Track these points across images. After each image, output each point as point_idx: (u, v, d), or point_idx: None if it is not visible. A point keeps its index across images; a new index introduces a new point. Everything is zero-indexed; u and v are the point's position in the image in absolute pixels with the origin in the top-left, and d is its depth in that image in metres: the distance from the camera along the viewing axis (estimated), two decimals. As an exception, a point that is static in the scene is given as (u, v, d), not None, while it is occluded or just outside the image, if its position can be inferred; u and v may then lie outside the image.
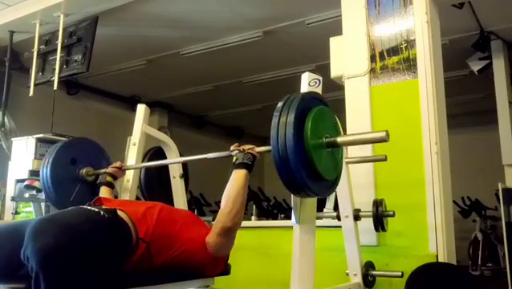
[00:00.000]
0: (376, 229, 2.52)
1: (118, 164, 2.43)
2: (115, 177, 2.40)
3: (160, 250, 1.69)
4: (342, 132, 1.79)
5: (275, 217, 6.59)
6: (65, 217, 1.51)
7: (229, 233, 1.75)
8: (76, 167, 2.42)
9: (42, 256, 1.30)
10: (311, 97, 1.71)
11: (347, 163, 2.52)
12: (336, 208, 2.81)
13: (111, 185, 2.37)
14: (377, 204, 2.49)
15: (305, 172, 1.54)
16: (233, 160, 1.85)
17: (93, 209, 1.60)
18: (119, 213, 1.63)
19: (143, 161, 2.83)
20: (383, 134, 1.61)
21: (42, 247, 1.31)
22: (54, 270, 1.31)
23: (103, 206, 1.71)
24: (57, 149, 2.38)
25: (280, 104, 1.61)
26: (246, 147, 1.87)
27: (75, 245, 1.36)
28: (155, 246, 1.67)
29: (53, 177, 2.33)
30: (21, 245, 1.37)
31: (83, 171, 2.42)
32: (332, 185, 1.76)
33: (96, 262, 1.42)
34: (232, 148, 1.91)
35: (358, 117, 2.97)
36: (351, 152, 2.82)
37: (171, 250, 1.72)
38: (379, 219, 2.48)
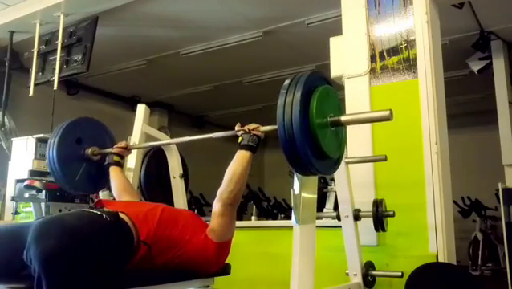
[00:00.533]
0: (376, 229, 2.52)
1: (123, 143, 2.45)
2: (122, 157, 2.42)
3: (161, 252, 1.70)
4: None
5: (275, 217, 6.59)
6: (67, 219, 1.52)
7: (230, 210, 1.83)
8: (82, 146, 2.42)
9: (44, 258, 1.32)
10: (317, 76, 1.72)
11: (347, 163, 2.52)
12: (336, 208, 2.82)
13: (119, 164, 2.40)
14: (377, 204, 2.50)
15: (310, 150, 1.56)
16: (239, 140, 1.89)
17: (95, 211, 1.61)
18: (121, 215, 1.64)
19: (143, 161, 2.84)
20: (386, 113, 1.65)
21: (44, 249, 1.33)
22: (56, 272, 1.32)
23: (105, 208, 1.72)
24: (62, 129, 2.38)
25: (287, 82, 1.62)
26: (251, 126, 1.90)
27: (77, 247, 1.37)
28: (156, 247, 1.68)
29: (59, 157, 2.33)
30: (23, 246, 1.38)
31: (89, 150, 2.42)
32: (335, 163, 1.79)
33: (98, 265, 1.43)
34: (236, 128, 1.94)
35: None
36: (352, 152, 2.82)
37: (172, 251, 1.73)
38: (379, 219, 2.49)
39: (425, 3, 2.91)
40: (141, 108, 2.76)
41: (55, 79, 4.29)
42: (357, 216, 2.50)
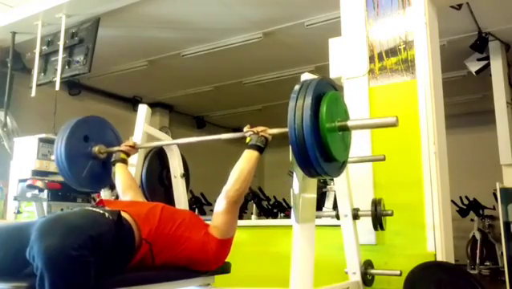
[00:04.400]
0: (375, 228, 2.54)
1: (131, 142, 2.52)
2: (128, 155, 2.47)
3: (162, 250, 1.72)
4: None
5: (275, 216, 6.61)
6: (71, 217, 1.53)
7: (235, 208, 1.91)
8: (89, 144, 2.47)
9: (47, 256, 1.33)
10: (326, 82, 1.79)
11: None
12: (335, 207, 2.84)
13: (125, 162, 2.45)
14: (376, 203, 2.51)
15: (319, 153, 1.62)
16: (247, 140, 1.96)
17: (98, 210, 1.63)
18: (123, 214, 1.66)
19: (144, 161, 2.86)
20: (393, 119, 1.68)
21: (47, 247, 1.34)
22: (59, 271, 1.33)
23: (107, 208, 1.74)
24: (71, 126, 2.41)
25: (297, 87, 1.67)
26: (260, 128, 1.96)
27: (80, 246, 1.38)
28: (157, 245, 1.71)
29: (67, 153, 2.37)
30: (26, 244, 1.39)
31: (96, 148, 2.48)
32: (341, 166, 1.87)
33: (101, 263, 1.45)
34: (245, 129, 2.00)
35: (357, 117, 2.99)
36: (351, 152, 2.84)
37: (172, 249, 1.75)
38: (378, 218, 2.50)
39: (424, 4, 2.92)
40: (143, 109, 2.79)
41: (57, 79, 4.32)
42: (356, 215, 2.51)
